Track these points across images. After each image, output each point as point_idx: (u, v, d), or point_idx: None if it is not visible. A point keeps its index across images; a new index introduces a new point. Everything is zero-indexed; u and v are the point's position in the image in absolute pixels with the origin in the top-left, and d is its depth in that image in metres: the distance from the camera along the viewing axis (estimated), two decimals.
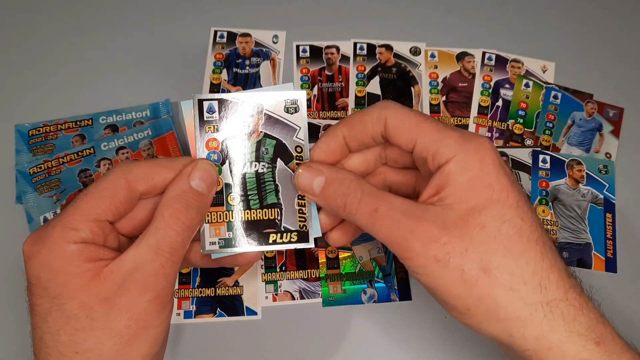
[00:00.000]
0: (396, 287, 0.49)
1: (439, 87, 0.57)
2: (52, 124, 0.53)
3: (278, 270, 0.49)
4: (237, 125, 0.37)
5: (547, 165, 0.53)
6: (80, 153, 0.52)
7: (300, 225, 0.38)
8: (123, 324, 0.31)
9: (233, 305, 0.48)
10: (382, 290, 0.49)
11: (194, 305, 0.48)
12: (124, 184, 0.33)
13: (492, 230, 0.31)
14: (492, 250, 0.31)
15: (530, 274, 0.31)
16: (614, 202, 0.52)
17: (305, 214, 0.38)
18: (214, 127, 0.37)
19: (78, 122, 0.54)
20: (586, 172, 0.53)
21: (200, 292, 0.48)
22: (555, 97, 0.56)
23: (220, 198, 0.37)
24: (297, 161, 0.38)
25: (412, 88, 0.57)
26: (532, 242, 0.32)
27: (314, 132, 0.54)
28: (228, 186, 0.37)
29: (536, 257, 0.32)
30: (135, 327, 0.31)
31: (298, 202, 0.38)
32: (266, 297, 0.48)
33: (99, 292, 0.31)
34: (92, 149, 0.52)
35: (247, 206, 0.37)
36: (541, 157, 0.53)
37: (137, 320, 0.31)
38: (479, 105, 0.56)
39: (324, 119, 0.55)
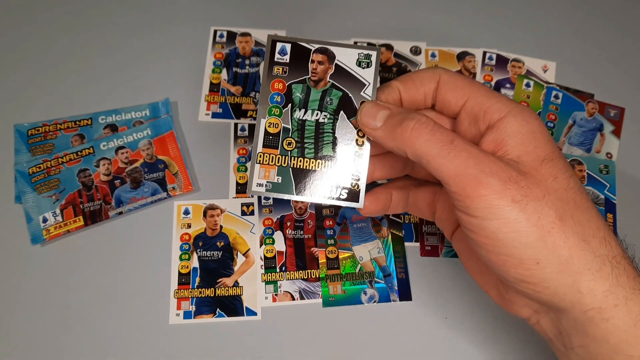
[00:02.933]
0: (396, 288, 0.48)
1: None
2: (52, 124, 0.53)
3: (278, 270, 0.49)
4: (306, 71, 0.37)
5: None
6: (79, 153, 0.52)
7: (352, 183, 0.37)
8: None
9: (233, 306, 0.48)
10: (382, 291, 0.48)
11: (194, 306, 0.48)
12: None
13: (563, 182, 0.31)
14: (564, 200, 0.31)
15: (595, 228, 0.31)
16: (614, 202, 0.52)
17: (360, 172, 0.37)
18: (282, 69, 0.37)
19: (77, 122, 0.53)
20: (587, 172, 0.53)
21: (200, 292, 0.48)
22: (556, 96, 0.56)
23: (275, 141, 0.37)
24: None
25: None
26: (590, 200, 0.32)
27: None
28: (286, 130, 0.37)
29: (597, 214, 0.32)
30: None
31: (354, 160, 0.37)
32: (266, 298, 0.48)
33: None
34: (91, 148, 0.52)
35: (302, 154, 0.37)
36: None
37: None
38: None
39: None
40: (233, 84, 0.56)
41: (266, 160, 0.37)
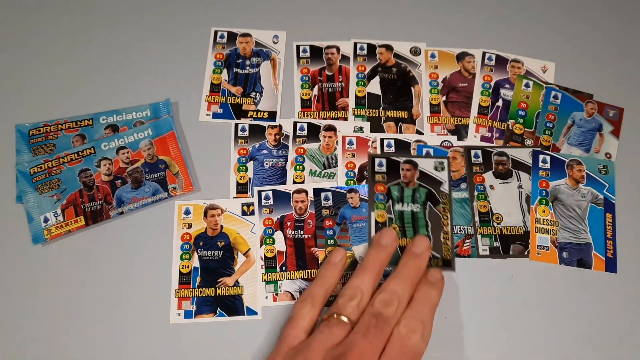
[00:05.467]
0: None
1: (439, 87, 0.57)
2: (53, 124, 0.53)
3: (278, 270, 0.49)
4: (399, 176, 0.51)
5: (547, 166, 0.53)
6: (80, 153, 0.52)
7: (444, 254, 0.49)
8: None
9: (233, 305, 0.48)
10: None
11: (194, 305, 0.48)
12: None
13: None
14: None
15: None
16: (614, 202, 0.52)
17: (449, 245, 0.49)
18: (381, 176, 0.51)
19: (78, 122, 0.54)
20: (586, 172, 0.53)
21: (201, 292, 0.48)
22: (555, 97, 0.56)
23: (384, 227, 0.49)
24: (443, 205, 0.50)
25: (412, 88, 0.57)
26: None
27: (314, 131, 0.54)
28: (391, 220, 0.49)
29: None
30: None
31: (443, 237, 0.49)
32: (266, 297, 0.48)
33: None
34: (92, 148, 0.52)
35: (404, 235, 0.49)
36: (541, 157, 0.53)
37: None
38: (479, 106, 0.56)
39: (324, 119, 0.55)
40: (233, 85, 0.56)
41: None
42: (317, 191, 0.52)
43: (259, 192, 0.51)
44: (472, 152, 0.53)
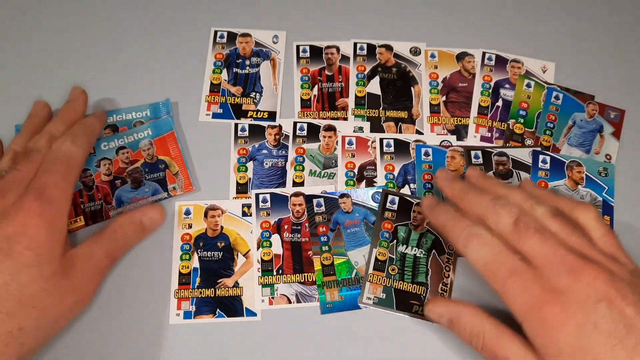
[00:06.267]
0: None
1: (439, 87, 0.57)
2: None
3: (274, 273, 0.49)
4: (408, 217, 0.50)
5: (547, 166, 0.53)
6: None
7: None
8: None
9: (232, 306, 0.48)
10: None
11: (194, 306, 0.48)
12: None
13: None
14: None
15: None
16: (612, 204, 0.52)
17: (445, 297, 0.47)
18: (391, 214, 0.50)
19: None
20: (586, 174, 0.53)
21: (200, 292, 0.48)
22: (557, 97, 0.56)
23: (383, 266, 0.48)
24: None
25: (412, 88, 0.56)
26: None
27: (314, 131, 0.54)
28: (391, 259, 0.48)
29: None
30: None
31: (441, 287, 0.48)
32: (262, 301, 0.48)
33: None
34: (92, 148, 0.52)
35: (402, 278, 0.48)
36: (541, 157, 0.53)
37: None
38: (479, 106, 0.56)
39: (324, 119, 0.55)
40: (233, 85, 0.56)
41: (375, 280, 0.48)
42: (309, 198, 0.51)
43: (257, 195, 0.51)
44: (472, 152, 0.53)
